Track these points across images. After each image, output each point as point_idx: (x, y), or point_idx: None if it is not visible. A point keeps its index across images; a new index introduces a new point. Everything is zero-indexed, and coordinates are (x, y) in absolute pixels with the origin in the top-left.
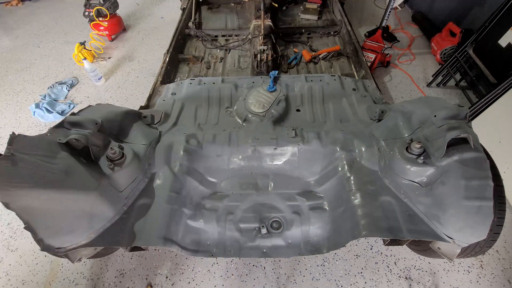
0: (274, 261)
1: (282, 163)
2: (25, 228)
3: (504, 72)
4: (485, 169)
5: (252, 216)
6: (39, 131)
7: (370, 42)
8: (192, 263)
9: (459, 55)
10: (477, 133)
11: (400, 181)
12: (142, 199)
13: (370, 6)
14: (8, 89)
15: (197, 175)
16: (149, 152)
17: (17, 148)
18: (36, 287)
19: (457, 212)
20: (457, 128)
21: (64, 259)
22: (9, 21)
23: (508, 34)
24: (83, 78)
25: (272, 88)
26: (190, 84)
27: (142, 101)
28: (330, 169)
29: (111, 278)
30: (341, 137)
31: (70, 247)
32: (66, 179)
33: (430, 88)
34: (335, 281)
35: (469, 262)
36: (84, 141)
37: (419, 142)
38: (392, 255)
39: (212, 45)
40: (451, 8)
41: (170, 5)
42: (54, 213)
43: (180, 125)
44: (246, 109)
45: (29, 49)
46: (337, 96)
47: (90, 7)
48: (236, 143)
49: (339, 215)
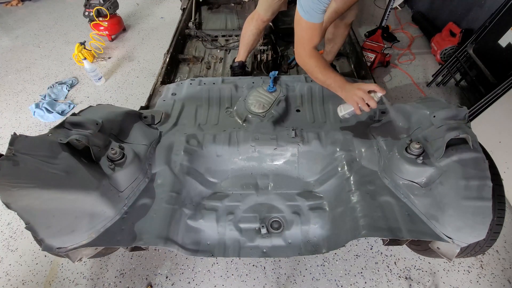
0: (274, 261)
1: (282, 163)
2: (26, 228)
3: (504, 72)
4: (484, 169)
5: (252, 216)
6: (39, 131)
7: (370, 42)
8: (192, 263)
9: (459, 55)
10: (477, 133)
11: (400, 181)
12: (142, 199)
13: (370, 6)
14: (8, 89)
15: (197, 175)
16: (150, 152)
17: (18, 149)
18: (36, 287)
19: (456, 212)
20: (456, 128)
21: (64, 259)
22: (9, 21)
23: (508, 34)
24: (83, 78)
25: (272, 88)
26: (190, 84)
27: (142, 101)
28: (330, 169)
29: (111, 278)
30: (341, 138)
31: (71, 247)
32: (67, 179)
33: (430, 88)
34: (335, 281)
35: (469, 262)
36: (85, 141)
37: (418, 143)
38: (392, 255)
39: (212, 45)
40: (451, 8)
41: (170, 5)
42: (55, 213)
43: (180, 126)
44: (246, 109)
45: (29, 49)
46: (337, 96)
47: (90, 7)
48: (236, 143)
49: (339, 215)
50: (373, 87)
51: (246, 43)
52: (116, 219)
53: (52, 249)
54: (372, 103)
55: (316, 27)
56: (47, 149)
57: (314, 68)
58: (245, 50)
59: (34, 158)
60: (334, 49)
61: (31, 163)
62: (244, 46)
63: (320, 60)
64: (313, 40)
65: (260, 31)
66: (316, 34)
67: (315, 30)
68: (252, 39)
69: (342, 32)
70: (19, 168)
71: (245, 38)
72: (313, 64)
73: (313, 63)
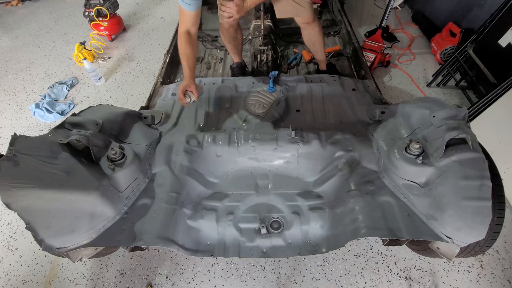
0: (274, 261)
1: (282, 163)
2: (26, 228)
3: (504, 72)
4: (483, 169)
5: (252, 216)
6: (39, 131)
7: (370, 42)
8: (192, 263)
9: (459, 55)
10: (477, 133)
11: (399, 181)
12: (142, 199)
13: (370, 6)
14: (8, 89)
15: (197, 175)
16: (150, 152)
17: (18, 149)
18: (36, 287)
19: (456, 212)
20: (456, 128)
21: (64, 259)
22: (9, 21)
23: (508, 34)
24: (83, 78)
25: (272, 88)
26: None
27: (142, 101)
28: (330, 169)
29: (111, 278)
30: (341, 138)
31: (71, 247)
32: (67, 180)
33: (430, 88)
34: (335, 281)
35: (469, 262)
36: (85, 141)
37: (418, 143)
38: (392, 255)
39: (212, 45)
40: (451, 8)
41: (170, 5)
42: (55, 213)
43: (180, 126)
44: (246, 109)
45: (29, 49)
46: (337, 96)
47: (90, 7)
48: (236, 143)
49: (339, 215)
50: (191, 89)
51: (230, 48)
52: (116, 219)
53: (52, 249)
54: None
55: (184, 13)
56: (47, 150)
57: (179, 47)
58: (233, 53)
59: (34, 159)
60: (316, 48)
61: (31, 164)
62: (230, 50)
63: (185, 44)
64: (183, 23)
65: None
66: (184, 20)
67: (183, 15)
68: (232, 43)
69: (310, 31)
70: (19, 168)
71: (226, 45)
72: (180, 43)
73: (180, 43)
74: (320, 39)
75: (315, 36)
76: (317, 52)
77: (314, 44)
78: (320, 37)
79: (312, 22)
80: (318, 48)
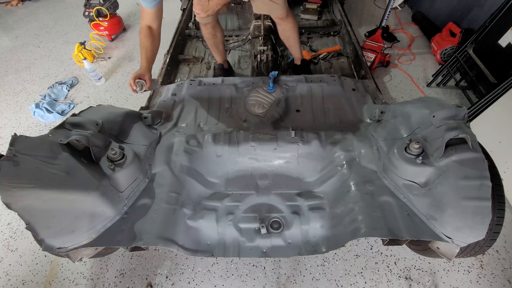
0: (274, 261)
1: (281, 163)
2: (26, 228)
3: (504, 72)
4: (483, 169)
5: (252, 216)
6: (39, 131)
7: (370, 42)
8: (192, 263)
9: (459, 55)
10: (477, 133)
11: (399, 181)
12: (142, 199)
13: (370, 6)
14: (8, 89)
15: (197, 175)
16: (150, 152)
17: (18, 149)
18: (36, 287)
19: (456, 212)
20: (456, 128)
21: (64, 259)
22: (9, 21)
23: (508, 34)
24: (83, 78)
25: (272, 88)
26: (190, 85)
27: (142, 102)
28: (330, 169)
29: (111, 278)
30: (341, 138)
31: (71, 247)
32: (67, 180)
33: (430, 88)
34: (335, 281)
35: (469, 262)
36: (85, 141)
37: (418, 142)
38: (392, 255)
39: None
40: (451, 8)
41: (170, 5)
42: (55, 213)
43: (180, 126)
44: (246, 109)
45: (29, 49)
46: (337, 96)
47: (90, 7)
48: (236, 143)
49: (339, 215)
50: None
51: (210, 46)
52: (116, 219)
53: (52, 249)
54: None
55: (144, 10)
56: (47, 150)
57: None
58: (214, 52)
59: (35, 159)
60: (291, 43)
61: (31, 164)
62: (211, 49)
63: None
64: (144, 19)
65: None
66: (145, 16)
67: (144, 12)
68: (211, 40)
69: (284, 27)
70: (19, 168)
71: (207, 43)
72: (140, 37)
73: (141, 36)
74: (294, 34)
75: (289, 31)
76: (291, 47)
77: (288, 39)
78: (294, 33)
79: (286, 18)
80: (292, 43)
